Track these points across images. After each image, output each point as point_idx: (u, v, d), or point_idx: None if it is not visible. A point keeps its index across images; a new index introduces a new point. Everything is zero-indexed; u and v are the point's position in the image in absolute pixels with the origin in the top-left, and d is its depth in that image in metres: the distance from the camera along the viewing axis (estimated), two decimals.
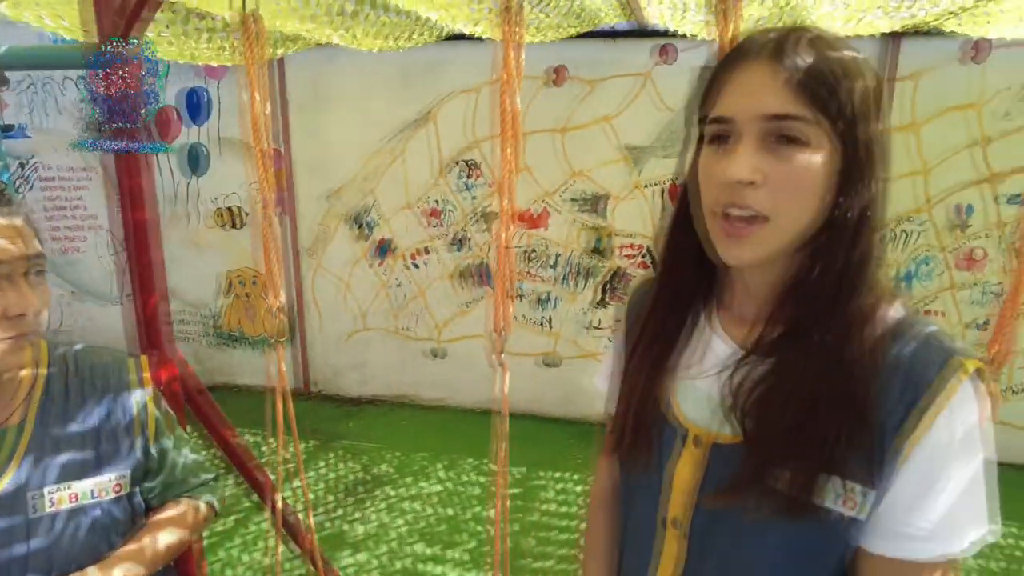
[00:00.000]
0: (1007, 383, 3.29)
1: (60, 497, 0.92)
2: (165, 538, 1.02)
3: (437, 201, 3.72)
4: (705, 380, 0.75)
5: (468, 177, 3.64)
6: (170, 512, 1.07)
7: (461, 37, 2.56)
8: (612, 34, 3.24)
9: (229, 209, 4.01)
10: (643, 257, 3.55)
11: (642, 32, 3.16)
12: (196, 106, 3.87)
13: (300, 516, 1.95)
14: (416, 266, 3.86)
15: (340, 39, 2.56)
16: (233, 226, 4.04)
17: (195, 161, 3.96)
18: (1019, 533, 2.80)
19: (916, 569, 0.64)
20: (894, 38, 2.99)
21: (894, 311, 0.67)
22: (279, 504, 1.66)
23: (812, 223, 0.65)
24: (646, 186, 3.43)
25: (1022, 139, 3.04)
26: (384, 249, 3.88)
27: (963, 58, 3.02)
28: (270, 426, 1.65)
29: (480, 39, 2.52)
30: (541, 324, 3.78)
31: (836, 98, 0.61)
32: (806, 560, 0.69)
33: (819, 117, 0.61)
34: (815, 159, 0.62)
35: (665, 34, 3.04)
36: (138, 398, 1.04)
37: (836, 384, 0.64)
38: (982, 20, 2.31)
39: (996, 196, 3.13)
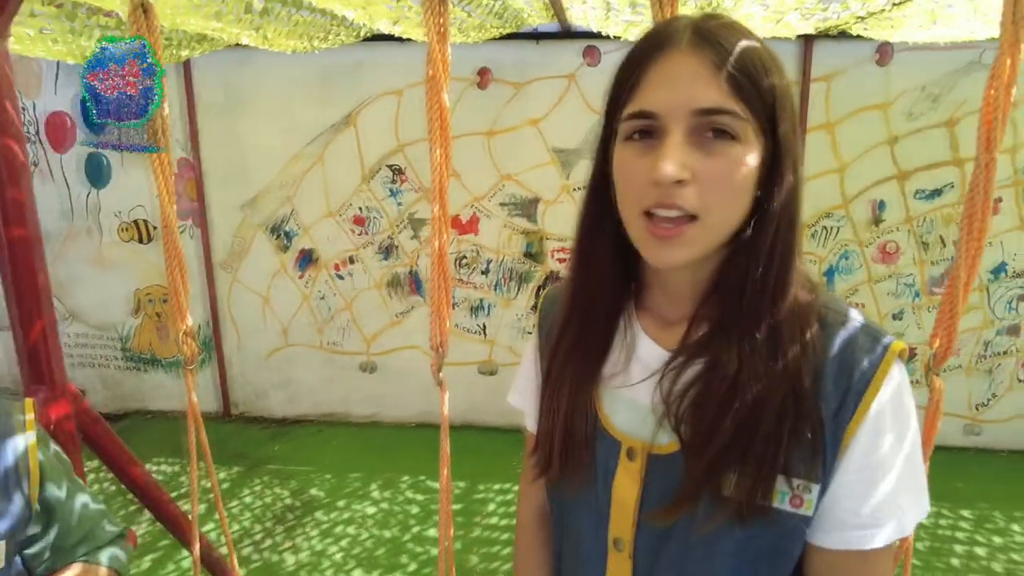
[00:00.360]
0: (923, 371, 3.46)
1: None
2: None
3: (361, 208, 3.58)
4: (633, 388, 0.71)
5: (394, 182, 3.52)
6: None
7: (383, 38, 2.46)
8: (536, 36, 3.20)
9: (136, 223, 3.73)
10: None
11: (566, 33, 3.14)
12: None
13: (227, 550, 1.79)
14: (341, 277, 3.70)
15: (250, 39, 2.40)
16: (141, 240, 3.76)
17: (96, 171, 3.66)
18: (942, 513, 2.94)
19: (868, 556, 0.64)
20: (807, 41, 3.08)
21: (817, 300, 0.66)
22: (193, 553, 1.50)
23: (741, 221, 0.63)
24: (576, 189, 3.41)
25: (926, 138, 3.20)
26: (306, 260, 3.70)
27: (872, 60, 3.15)
28: (193, 442, 1.50)
29: (403, 40, 2.43)
30: (476, 332, 3.70)
31: (761, 90, 0.59)
32: (761, 565, 0.67)
33: (747, 111, 0.59)
34: (744, 154, 0.60)
35: (589, 35, 3.04)
36: (18, 445, 0.90)
37: (772, 379, 0.62)
38: (886, 25, 2.41)
39: (906, 192, 3.28)
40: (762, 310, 0.63)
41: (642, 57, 0.62)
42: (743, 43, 0.60)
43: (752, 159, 0.60)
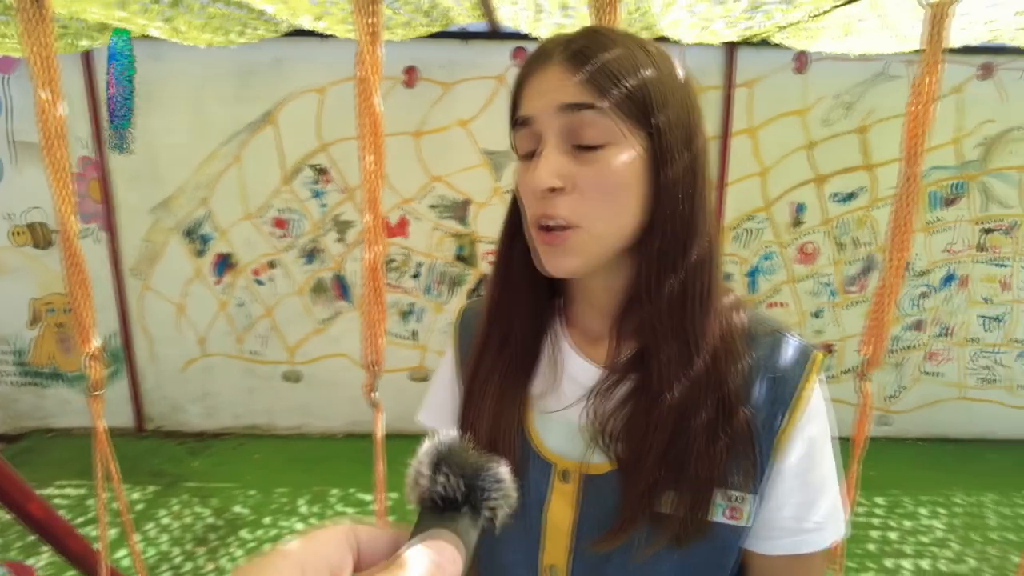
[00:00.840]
0: (841, 366, 3.63)
1: None
2: None
3: (282, 210, 3.43)
4: (564, 407, 0.69)
5: (317, 183, 3.39)
6: None
7: (305, 33, 2.36)
8: (464, 35, 3.15)
9: (31, 227, 3.44)
10: None
11: (495, 34, 3.10)
12: None
13: None
14: (261, 282, 3.53)
15: (160, 32, 2.25)
16: (38, 246, 3.47)
17: None
18: (859, 501, 3.09)
19: (811, 559, 0.66)
20: (730, 48, 3.16)
21: (737, 311, 0.67)
22: None
23: (631, 227, 0.62)
24: (507, 192, 3.38)
25: (841, 143, 3.35)
26: (223, 265, 3.51)
27: (790, 68, 3.26)
28: (101, 476, 1.38)
29: (326, 36, 2.34)
30: (407, 337, 3.61)
31: (627, 87, 0.59)
32: None
33: (612, 106, 0.58)
34: (619, 158, 0.59)
35: (519, 36, 3.01)
36: None
37: (700, 393, 0.62)
38: (803, 35, 2.50)
39: (823, 195, 3.42)
40: (682, 323, 0.62)
41: (522, 75, 0.64)
42: (614, 49, 0.60)
43: (629, 161, 0.60)
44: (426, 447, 0.33)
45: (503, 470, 0.33)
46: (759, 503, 0.64)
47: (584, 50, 0.60)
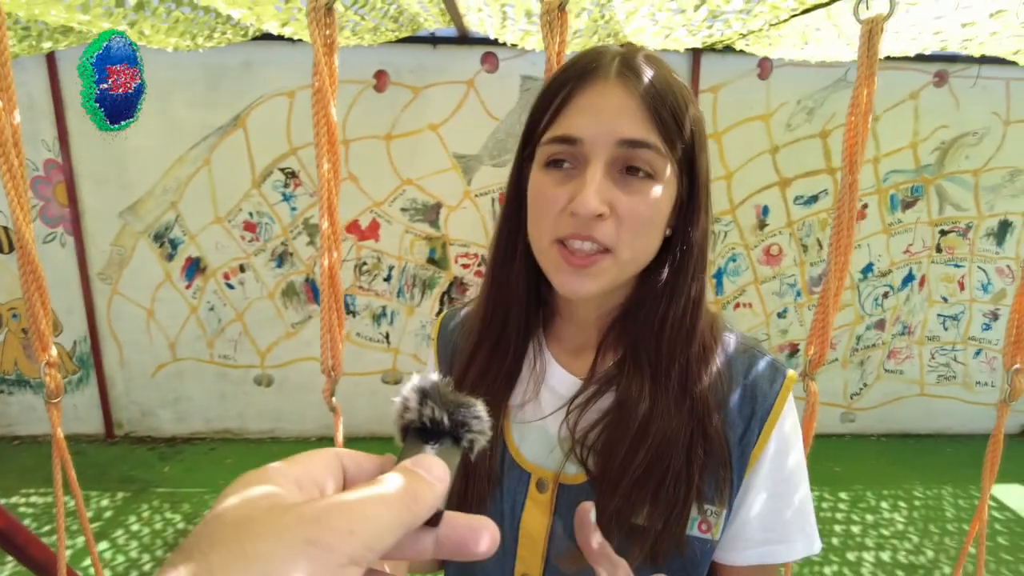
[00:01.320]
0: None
1: None
2: None
3: (252, 213, 3.41)
4: (543, 417, 0.70)
5: (287, 186, 3.38)
6: None
7: (274, 37, 2.36)
8: (433, 40, 3.16)
9: None
10: (480, 266, 3.53)
11: (464, 39, 3.12)
12: None
13: None
14: (232, 286, 3.50)
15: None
16: (1, 250, 3.41)
17: None
18: (824, 496, 3.15)
19: (779, 571, 0.67)
20: (695, 54, 3.22)
21: (715, 329, 0.68)
22: None
23: (650, 257, 0.64)
24: (478, 195, 3.40)
25: (803, 147, 3.43)
26: (193, 269, 3.48)
27: (754, 74, 3.33)
28: (59, 483, 1.37)
29: (295, 40, 2.35)
30: (379, 340, 3.61)
31: (681, 128, 0.60)
32: None
33: (667, 147, 0.59)
34: (661, 192, 0.60)
35: (488, 42, 3.03)
36: None
37: (682, 415, 0.63)
38: (765, 43, 2.56)
39: (787, 198, 3.50)
40: (677, 350, 0.64)
41: (568, 83, 0.61)
42: (668, 79, 0.60)
43: (668, 197, 0.61)
44: (411, 384, 0.35)
45: (481, 407, 0.35)
46: (730, 516, 0.65)
47: (641, 73, 0.59)
